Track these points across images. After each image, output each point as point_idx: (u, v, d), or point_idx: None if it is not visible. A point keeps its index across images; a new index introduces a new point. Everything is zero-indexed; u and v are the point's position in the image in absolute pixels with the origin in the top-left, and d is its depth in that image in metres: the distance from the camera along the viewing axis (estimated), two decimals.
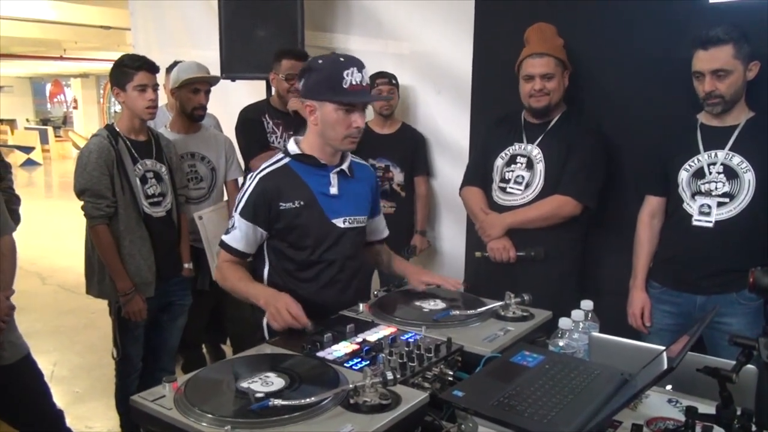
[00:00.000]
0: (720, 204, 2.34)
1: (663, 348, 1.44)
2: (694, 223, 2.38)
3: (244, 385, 1.40)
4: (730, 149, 2.35)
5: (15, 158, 15.72)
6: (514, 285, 2.01)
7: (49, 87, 23.89)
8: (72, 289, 6.04)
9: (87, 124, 20.14)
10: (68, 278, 6.34)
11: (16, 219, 2.88)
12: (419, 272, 2.24)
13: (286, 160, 2.06)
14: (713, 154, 2.37)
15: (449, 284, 2.14)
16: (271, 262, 2.09)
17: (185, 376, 1.47)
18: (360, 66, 1.92)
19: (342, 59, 1.93)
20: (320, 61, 1.96)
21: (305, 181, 2.03)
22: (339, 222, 2.07)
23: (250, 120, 3.39)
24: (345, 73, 1.88)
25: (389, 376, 1.35)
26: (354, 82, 1.89)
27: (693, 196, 2.40)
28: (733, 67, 2.28)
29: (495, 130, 2.91)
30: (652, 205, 2.55)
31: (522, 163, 2.76)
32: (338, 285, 2.09)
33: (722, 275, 2.35)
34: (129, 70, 2.78)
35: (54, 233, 8.20)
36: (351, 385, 1.36)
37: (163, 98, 3.95)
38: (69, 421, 2.56)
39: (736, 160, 2.33)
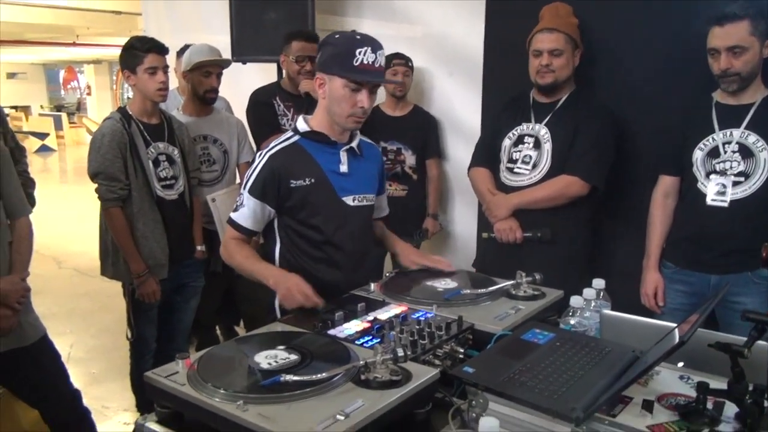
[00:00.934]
0: (735, 183, 2.32)
1: (674, 325, 1.43)
2: (709, 202, 2.37)
3: (256, 361, 1.41)
4: (745, 128, 2.32)
5: (30, 144, 15.82)
6: (521, 266, 2.01)
7: (62, 73, 24.01)
8: (87, 273, 6.11)
9: (100, 110, 20.21)
10: (83, 262, 6.42)
11: (32, 202, 2.90)
12: (410, 252, 2.24)
13: (296, 137, 2.06)
14: (728, 133, 2.35)
15: (442, 265, 2.14)
16: (282, 240, 2.09)
17: (198, 353, 1.48)
18: (376, 47, 1.90)
19: (358, 37, 1.92)
20: (337, 36, 1.96)
21: (315, 158, 2.03)
22: (349, 200, 2.07)
23: (261, 102, 3.40)
24: (358, 51, 1.87)
25: (400, 352, 1.35)
26: (366, 62, 1.88)
27: (708, 175, 2.37)
28: (750, 44, 2.25)
29: (503, 111, 2.90)
30: (665, 185, 2.54)
31: (529, 143, 2.75)
32: (349, 263, 2.10)
33: (737, 254, 2.33)
34: (139, 53, 2.79)
35: (69, 218, 8.27)
36: (362, 362, 1.36)
37: (174, 81, 3.96)
38: (86, 402, 2.59)
39: (752, 139, 2.31)
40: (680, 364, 1.50)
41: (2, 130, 2.99)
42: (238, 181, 3.50)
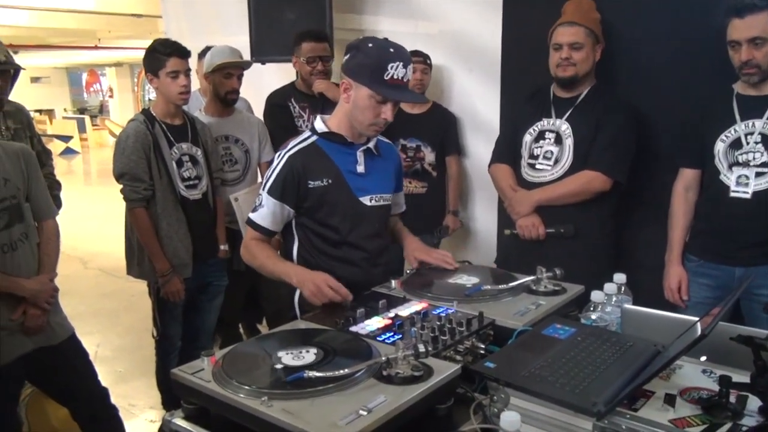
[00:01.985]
0: (758, 174, 2.30)
1: (696, 319, 1.43)
2: (732, 194, 2.34)
3: (280, 357, 1.43)
4: None
5: (54, 147, 16.03)
6: (544, 262, 2.01)
7: (85, 76, 24.31)
8: (112, 273, 6.21)
9: (122, 111, 20.48)
10: (108, 262, 6.51)
11: (58, 204, 2.97)
12: (415, 248, 2.23)
13: (314, 138, 2.08)
14: (750, 124, 2.32)
15: (446, 264, 2.14)
16: (300, 239, 2.12)
17: (223, 350, 1.51)
18: (407, 62, 1.90)
19: (392, 50, 1.90)
20: (370, 45, 1.92)
21: (332, 159, 2.05)
22: (366, 200, 2.09)
23: (276, 105, 3.43)
24: (390, 65, 1.86)
25: (421, 348, 1.37)
26: (396, 77, 1.88)
27: (730, 167, 2.35)
28: None
29: (524, 106, 2.89)
30: (686, 178, 2.52)
31: (550, 139, 2.73)
32: (366, 262, 2.12)
33: (761, 246, 2.31)
34: (161, 57, 2.83)
35: (94, 219, 8.39)
36: (384, 358, 1.38)
37: (196, 83, 4.01)
38: (112, 400, 2.63)
39: None
40: (703, 358, 1.50)
41: (29, 133, 3.05)
42: (260, 180, 3.53)
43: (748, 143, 2.32)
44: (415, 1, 3.69)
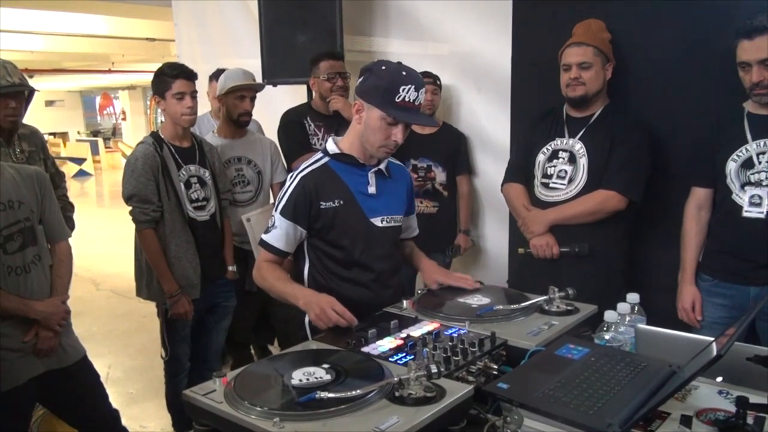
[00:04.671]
0: None
1: (712, 339, 1.41)
2: (745, 214, 2.32)
3: (292, 379, 1.43)
4: None
5: (68, 169, 16.18)
6: (558, 281, 2.00)
7: (98, 100, 24.58)
8: (124, 294, 6.22)
9: (135, 134, 20.64)
10: (120, 283, 6.53)
11: (71, 225, 2.98)
12: (433, 270, 2.24)
13: (326, 159, 2.09)
14: (762, 143, 2.31)
15: (467, 284, 2.15)
16: (312, 260, 2.12)
17: (234, 371, 1.51)
18: (419, 85, 1.92)
19: (404, 73, 1.92)
20: (383, 68, 1.95)
21: (344, 180, 2.06)
22: (377, 221, 2.09)
23: (292, 122, 3.45)
24: (402, 88, 1.88)
25: (434, 369, 1.36)
26: (407, 99, 1.90)
27: (742, 186, 2.34)
28: None
29: (537, 126, 2.89)
30: (698, 197, 2.50)
31: (564, 158, 2.73)
32: (377, 283, 2.11)
33: None
34: (167, 79, 2.86)
35: (106, 241, 8.43)
36: (396, 379, 1.37)
37: (207, 105, 4.05)
38: (124, 422, 2.63)
39: None
40: (719, 379, 1.48)
41: (43, 156, 3.08)
42: (272, 201, 3.55)
43: (760, 163, 2.30)
44: (424, 22, 3.72)
